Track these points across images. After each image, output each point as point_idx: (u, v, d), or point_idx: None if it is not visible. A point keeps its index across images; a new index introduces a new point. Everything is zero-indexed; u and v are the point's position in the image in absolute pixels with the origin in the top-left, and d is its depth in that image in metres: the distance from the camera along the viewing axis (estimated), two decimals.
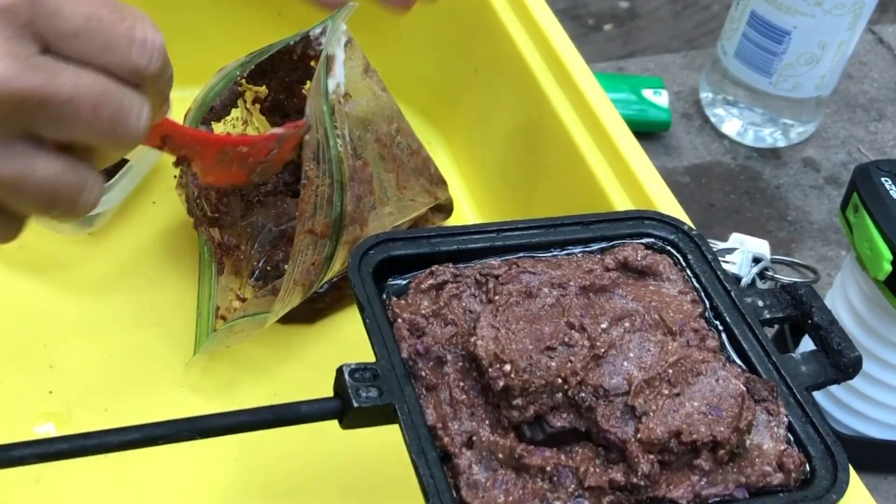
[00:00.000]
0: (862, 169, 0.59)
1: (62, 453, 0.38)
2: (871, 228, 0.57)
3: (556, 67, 0.63)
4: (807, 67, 0.82)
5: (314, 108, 0.56)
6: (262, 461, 0.57)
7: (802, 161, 0.89)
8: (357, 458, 0.56)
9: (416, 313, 0.44)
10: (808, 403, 0.44)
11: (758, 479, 0.42)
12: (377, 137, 0.60)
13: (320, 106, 0.56)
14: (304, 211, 0.55)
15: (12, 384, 0.59)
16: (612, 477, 0.40)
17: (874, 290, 0.60)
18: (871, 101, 0.95)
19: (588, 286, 0.45)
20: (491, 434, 0.41)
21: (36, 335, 0.61)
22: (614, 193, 0.57)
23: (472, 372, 0.42)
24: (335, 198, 0.56)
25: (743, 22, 0.83)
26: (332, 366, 0.41)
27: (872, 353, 0.62)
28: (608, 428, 0.41)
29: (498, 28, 0.67)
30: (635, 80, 0.89)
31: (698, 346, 0.45)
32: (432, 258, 0.47)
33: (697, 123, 0.91)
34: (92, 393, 0.59)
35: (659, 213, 0.51)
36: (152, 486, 0.55)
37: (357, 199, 0.58)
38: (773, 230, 0.83)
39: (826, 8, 0.78)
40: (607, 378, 0.42)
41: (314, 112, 0.56)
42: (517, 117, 0.68)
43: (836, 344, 0.47)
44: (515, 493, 0.40)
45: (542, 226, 0.49)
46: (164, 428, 0.39)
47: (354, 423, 0.41)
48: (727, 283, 0.49)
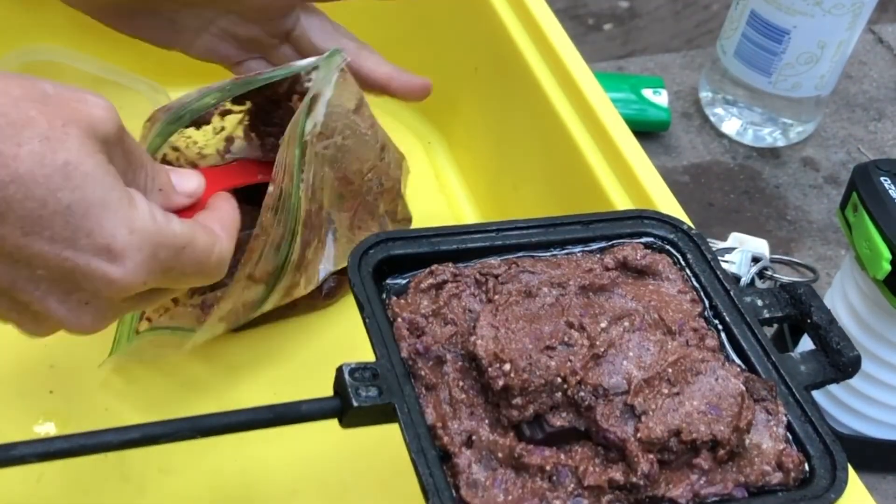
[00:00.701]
0: (861, 168, 0.59)
1: (62, 453, 0.38)
2: (871, 228, 0.57)
3: (556, 67, 0.63)
4: (806, 67, 0.83)
5: (285, 155, 0.54)
6: (262, 461, 0.57)
7: (802, 160, 0.89)
8: (357, 457, 0.56)
9: (416, 313, 0.44)
10: (807, 403, 0.44)
11: (757, 479, 0.42)
12: (343, 175, 0.59)
13: (292, 152, 0.55)
14: (250, 259, 0.54)
15: (12, 384, 0.59)
16: (611, 476, 0.40)
17: (873, 290, 0.60)
18: (870, 101, 0.95)
19: (587, 285, 0.45)
20: (490, 433, 0.41)
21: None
22: (614, 193, 0.57)
23: (472, 371, 0.43)
24: (283, 246, 0.55)
25: (742, 21, 0.83)
26: (332, 365, 0.41)
27: (871, 353, 0.62)
28: (607, 427, 0.41)
29: (498, 28, 0.67)
30: (635, 79, 0.89)
31: (697, 345, 0.45)
32: (432, 258, 0.47)
33: (697, 123, 0.91)
34: (92, 393, 0.59)
35: (658, 213, 0.51)
36: (152, 486, 0.55)
37: (304, 245, 0.57)
38: (772, 230, 0.83)
39: (826, 8, 0.79)
40: (607, 377, 0.42)
41: (283, 158, 0.54)
42: (517, 117, 0.68)
43: (835, 343, 0.47)
44: (515, 493, 0.40)
45: (541, 225, 0.49)
46: (164, 427, 0.39)
47: (354, 423, 0.41)
48: (726, 283, 0.49)
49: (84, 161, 0.40)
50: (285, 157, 0.54)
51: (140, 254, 0.41)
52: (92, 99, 0.41)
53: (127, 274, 0.41)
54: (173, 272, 0.44)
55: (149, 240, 0.42)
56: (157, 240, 0.42)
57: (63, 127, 0.39)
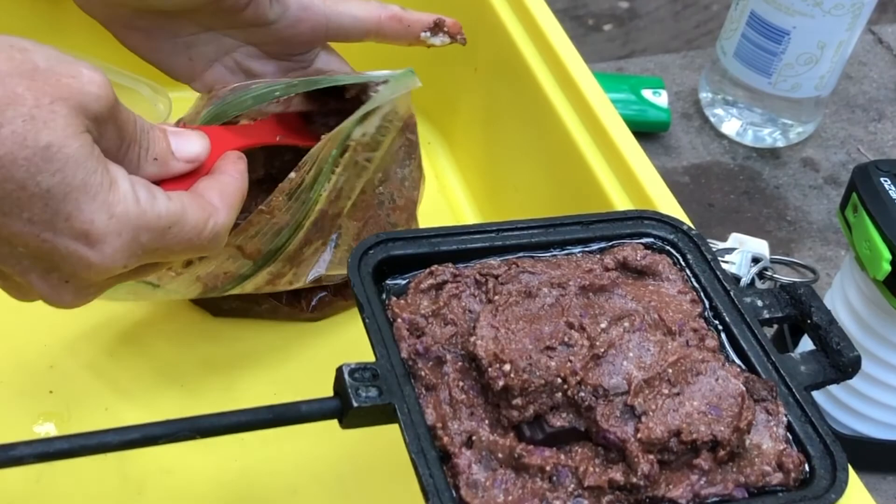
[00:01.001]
0: (861, 169, 0.59)
1: (62, 453, 0.38)
2: (871, 228, 0.57)
3: (556, 67, 0.63)
4: (806, 67, 0.83)
5: (321, 150, 0.54)
6: (262, 461, 0.57)
7: (802, 161, 0.89)
8: (357, 457, 0.56)
9: (416, 313, 0.44)
10: (807, 403, 0.44)
11: (757, 479, 0.42)
12: (363, 188, 0.59)
13: (329, 151, 0.54)
14: (245, 230, 0.53)
15: (12, 384, 0.59)
16: (611, 476, 0.40)
17: (873, 290, 0.60)
18: (870, 102, 0.95)
19: (587, 286, 0.45)
20: (490, 434, 0.41)
21: (36, 335, 0.61)
22: (614, 193, 0.57)
23: (472, 372, 0.43)
24: (284, 233, 0.55)
25: (742, 22, 0.83)
26: (332, 366, 0.41)
27: (871, 353, 0.62)
28: (608, 427, 0.41)
29: (498, 28, 0.67)
30: (635, 80, 0.89)
31: (698, 345, 0.45)
32: (432, 258, 0.47)
33: (697, 123, 0.91)
34: (92, 393, 0.59)
35: (658, 213, 0.51)
36: (152, 486, 0.55)
37: (305, 243, 0.57)
38: (772, 230, 0.83)
39: (825, 8, 0.79)
40: (607, 378, 0.42)
41: (318, 152, 0.54)
42: (517, 117, 0.68)
43: (836, 344, 0.47)
44: (515, 493, 0.40)
45: (541, 226, 0.49)
46: (164, 427, 0.39)
47: (354, 423, 0.41)
48: (726, 283, 0.49)
49: (67, 143, 0.39)
50: (319, 152, 0.54)
51: (119, 239, 0.41)
52: (87, 74, 0.40)
53: (105, 259, 0.41)
54: (159, 251, 0.43)
55: (129, 224, 0.41)
56: (139, 223, 0.42)
57: (50, 105, 0.39)
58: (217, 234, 0.45)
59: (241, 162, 0.49)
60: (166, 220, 0.43)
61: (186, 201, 0.44)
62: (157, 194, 0.43)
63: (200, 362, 0.61)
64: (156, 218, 0.42)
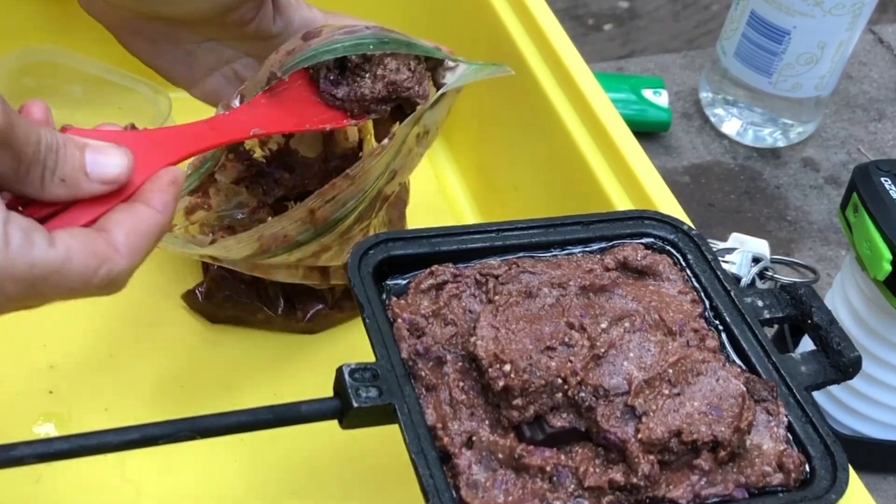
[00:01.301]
0: (861, 169, 0.59)
1: (62, 453, 0.38)
2: (871, 228, 0.57)
3: (556, 67, 0.63)
4: (806, 67, 0.83)
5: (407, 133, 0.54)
6: (262, 461, 0.57)
7: (802, 161, 0.89)
8: (357, 458, 0.56)
9: (416, 313, 0.44)
10: (807, 403, 0.44)
11: (757, 479, 0.42)
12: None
13: (406, 130, 0.54)
14: (326, 193, 0.53)
15: (12, 384, 0.59)
16: (611, 477, 0.40)
17: (874, 290, 0.60)
18: (870, 101, 0.95)
19: (588, 286, 0.45)
20: (491, 434, 0.41)
21: (36, 335, 0.61)
22: (614, 193, 0.57)
23: (472, 372, 0.43)
24: (350, 205, 0.54)
25: (742, 22, 0.83)
26: (332, 366, 0.41)
27: (872, 354, 0.62)
28: (608, 428, 0.41)
29: (498, 28, 0.67)
30: (635, 80, 0.89)
31: (698, 345, 0.45)
32: (432, 258, 0.47)
33: (697, 123, 0.91)
34: (92, 393, 0.59)
35: (659, 213, 0.51)
36: (152, 486, 0.55)
37: (359, 219, 0.56)
38: (772, 230, 0.83)
39: (826, 8, 0.78)
40: (607, 378, 0.42)
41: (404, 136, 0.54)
42: (517, 117, 0.68)
43: (836, 344, 0.47)
44: (515, 493, 0.40)
45: (541, 226, 0.49)
46: (164, 428, 0.39)
47: (354, 423, 0.41)
48: (727, 283, 0.49)
49: None
50: (406, 135, 0.54)
51: None
52: None
53: None
54: (33, 301, 0.39)
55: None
56: (4, 273, 0.37)
57: None
58: (112, 282, 0.41)
59: (173, 188, 0.43)
60: (41, 269, 0.38)
61: (74, 246, 0.39)
62: (37, 239, 0.38)
63: (200, 364, 0.61)
64: (27, 267, 0.38)
